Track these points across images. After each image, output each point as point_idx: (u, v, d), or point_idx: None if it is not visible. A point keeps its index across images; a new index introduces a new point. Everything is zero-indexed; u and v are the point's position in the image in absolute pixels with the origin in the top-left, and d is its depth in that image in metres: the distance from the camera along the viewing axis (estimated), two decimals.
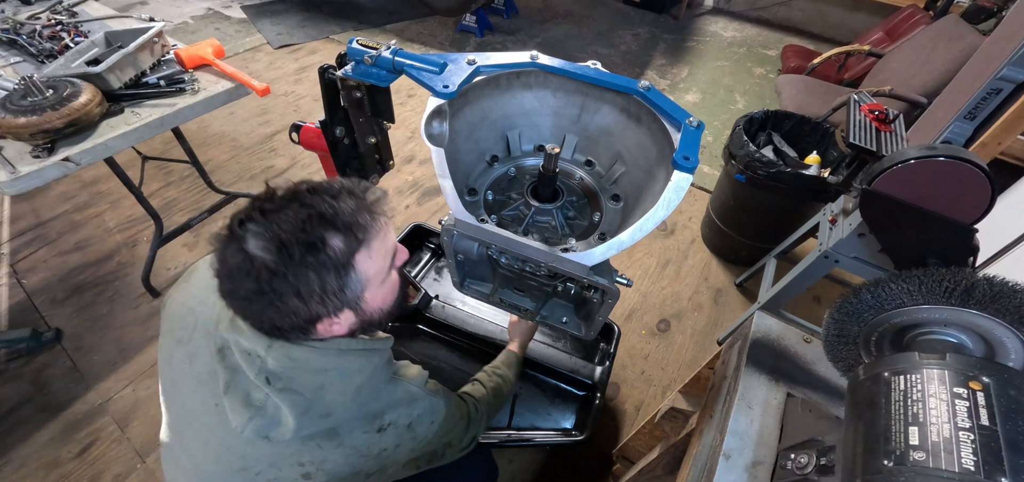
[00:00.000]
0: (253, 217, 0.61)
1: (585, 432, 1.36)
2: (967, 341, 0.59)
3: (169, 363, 0.77)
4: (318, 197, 0.63)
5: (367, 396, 0.73)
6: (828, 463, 0.61)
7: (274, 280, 0.60)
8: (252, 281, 0.60)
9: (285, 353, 0.66)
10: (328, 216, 0.62)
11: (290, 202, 0.62)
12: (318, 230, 0.61)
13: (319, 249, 0.61)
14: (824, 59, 2.81)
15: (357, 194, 0.67)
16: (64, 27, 1.73)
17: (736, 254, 2.27)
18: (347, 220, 0.64)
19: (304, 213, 0.61)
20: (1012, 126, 1.32)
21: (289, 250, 0.59)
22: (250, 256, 0.59)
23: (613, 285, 0.70)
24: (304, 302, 0.62)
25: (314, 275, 0.61)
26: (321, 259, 0.61)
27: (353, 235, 0.64)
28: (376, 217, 0.68)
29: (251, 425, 0.67)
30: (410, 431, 0.78)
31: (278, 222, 0.60)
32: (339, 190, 0.66)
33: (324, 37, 3.81)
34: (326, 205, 0.63)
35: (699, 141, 0.72)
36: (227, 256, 0.62)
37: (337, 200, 0.64)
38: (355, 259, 0.65)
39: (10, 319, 1.80)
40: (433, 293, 1.68)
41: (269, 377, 0.66)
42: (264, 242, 0.60)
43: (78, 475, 1.46)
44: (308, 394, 0.68)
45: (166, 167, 2.45)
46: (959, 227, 0.98)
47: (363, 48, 0.78)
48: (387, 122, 1.04)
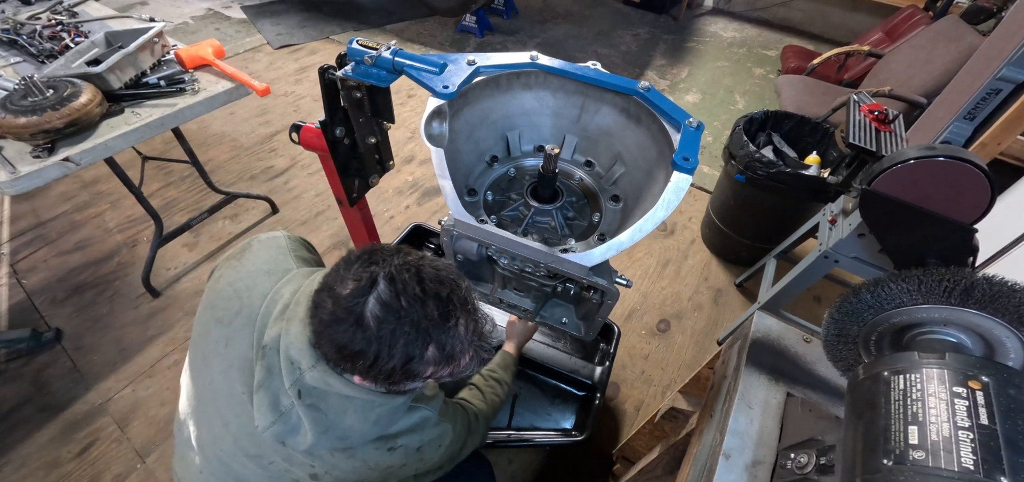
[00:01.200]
0: (394, 277, 0.62)
1: (585, 432, 1.36)
2: (966, 341, 0.59)
3: (205, 337, 0.78)
4: (449, 307, 0.64)
5: (384, 424, 0.75)
6: (828, 463, 0.61)
7: (365, 345, 0.61)
8: (346, 327, 0.61)
9: (323, 378, 0.68)
10: (444, 331, 0.63)
11: (423, 297, 0.62)
12: (426, 337, 0.62)
13: (416, 352, 0.62)
14: (824, 59, 2.81)
15: (477, 321, 0.69)
16: (64, 27, 1.73)
17: (736, 254, 2.27)
18: (454, 348, 0.65)
19: (430, 317, 0.62)
20: (1012, 126, 1.32)
21: (395, 336, 0.61)
22: (366, 309, 0.61)
23: (612, 286, 0.70)
24: (364, 363, 0.63)
25: (393, 362, 0.62)
26: (411, 360, 0.63)
27: (445, 362, 0.65)
28: (473, 357, 0.70)
29: (273, 429, 0.69)
30: (419, 453, 0.80)
31: (408, 303, 0.61)
32: (467, 312, 0.66)
33: (324, 37, 3.81)
34: (448, 323, 0.63)
35: (699, 142, 0.72)
36: (347, 286, 0.62)
37: (458, 322, 0.65)
38: (430, 372, 0.66)
39: (10, 319, 1.80)
40: None
41: (302, 391, 0.68)
42: (383, 314, 0.61)
43: (78, 475, 1.46)
44: (330, 416, 0.69)
45: (166, 167, 2.45)
46: (959, 227, 0.98)
47: (363, 48, 0.78)
48: (387, 122, 1.04)
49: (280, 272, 0.80)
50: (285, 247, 0.87)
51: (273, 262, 0.82)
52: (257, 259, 0.83)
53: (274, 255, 0.84)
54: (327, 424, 0.69)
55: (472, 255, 0.83)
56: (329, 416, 0.69)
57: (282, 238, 0.89)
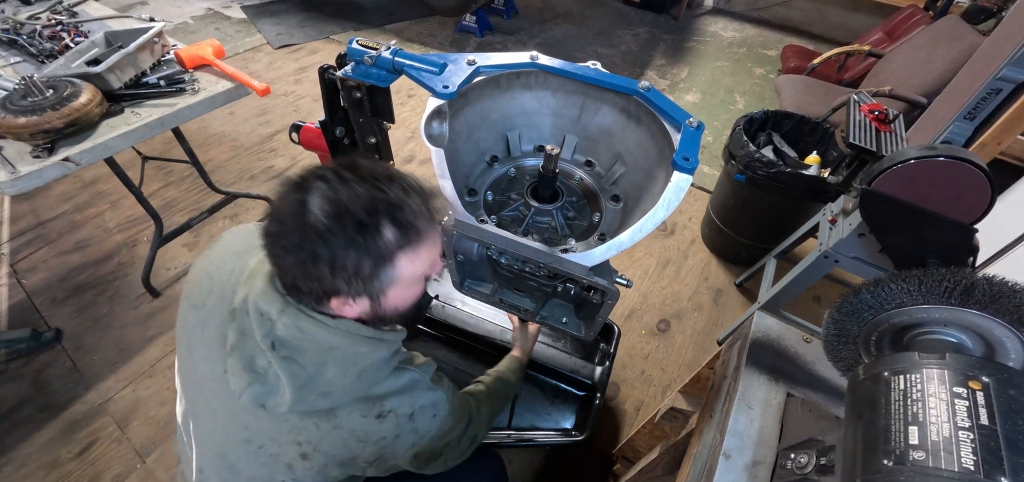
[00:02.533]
0: (328, 177, 0.61)
1: (585, 432, 1.36)
2: (967, 341, 0.59)
3: (184, 327, 0.78)
4: (393, 186, 0.64)
5: (369, 381, 0.73)
6: (828, 463, 0.61)
7: (318, 244, 0.60)
8: (297, 234, 0.61)
9: (295, 322, 0.66)
10: (393, 204, 0.62)
11: (363, 179, 0.62)
12: (379, 214, 0.61)
13: (371, 233, 0.61)
14: (824, 59, 2.81)
15: (425, 195, 0.67)
16: (64, 27, 1.73)
17: (736, 254, 2.27)
18: (408, 218, 0.64)
19: (372, 193, 0.61)
20: (1012, 126, 1.32)
21: (344, 222, 0.60)
22: (308, 209, 0.60)
23: (613, 286, 0.70)
24: (334, 274, 0.62)
25: (354, 253, 0.61)
26: (368, 243, 0.62)
27: (405, 235, 0.64)
28: (433, 227, 0.68)
29: (249, 390, 0.67)
30: (412, 422, 0.77)
31: (348, 192, 0.60)
32: (410, 187, 0.66)
33: (324, 37, 3.81)
34: (394, 196, 0.63)
35: (699, 142, 0.72)
36: (287, 200, 0.62)
37: (407, 195, 0.64)
38: (398, 256, 0.65)
39: (10, 319, 1.80)
40: (433, 293, 1.68)
41: (275, 342, 0.67)
42: (325, 203, 0.60)
43: (78, 475, 1.46)
44: (309, 369, 0.68)
45: (166, 167, 2.45)
46: (959, 227, 0.98)
47: (363, 48, 0.78)
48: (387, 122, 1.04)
49: (250, 249, 0.80)
50: (255, 231, 0.85)
51: (243, 243, 0.82)
52: (228, 244, 0.83)
53: (244, 237, 0.84)
54: (306, 377, 0.67)
55: (472, 255, 0.83)
56: (307, 368, 0.67)
57: (254, 225, 0.88)
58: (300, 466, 0.73)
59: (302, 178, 0.63)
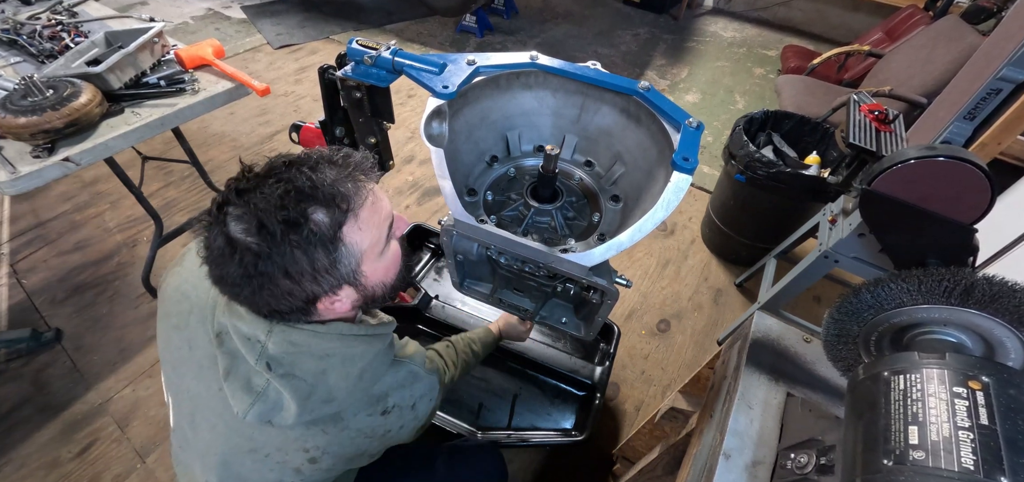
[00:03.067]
0: (230, 199, 0.59)
1: (585, 432, 1.36)
2: (967, 341, 0.59)
3: (168, 349, 0.77)
4: (295, 170, 0.60)
5: (370, 380, 0.72)
6: (828, 463, 0.61)
7: (260, 263, 0.58)
8: (238, 266, 0.58)
9: (286, 338, 0.65)
10: (306, 189, 0.59)
11: (266, 178, 0.60)
12: (298, 205, 0.58)
13: (301, 225, 0.58)
14: (824, 59, 2.81)
15: (337, 162, 0.64)
16: (64, 27, 1.73)
17: (736, 254, 2.27)
18: (328, 191, 0.60)
19: (280, 189, 0.58)
20: (1012, 126, 1.32)
21: (269, 230, 0.57)
22: (232, 240, 0.57)
23: (612, 286, 0.70)
24: (296, 283, 0.60)
25: (301, 254, 0.59)
26: (305, 236, 0.58)
27: (336, 206, 0.61)
28: (361, 184, 0.64)
29: (253, 411, 0.66)
30: (413, 411, 0.78)
31: (256, 201, 0.57)
32: (318, 160, 0.63)
33: (324, 37, 3.81)
34: (304, 178, 0.59)
35: (699, 142, 0.72)
36: (211, 241, 0.60)
37: (315, 171, 0.61)
38: (342, 232, 0.62)
39: (10, 319, 1.80)
40: (433, 293, 1.68)
41: (270, 362, 0.65)
42: (244, 224, 0.57)
43: (78, 475, 1.46)
44: (310, 379, 0.67)
45: (166, 167, 2.45)
46: (959, 227, 0.98)
47: (363, 48, 0.78)
48: (387, 122, 1.04)
49: None
50: None
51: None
52: (196, 259, 0.79)
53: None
54: (309, 389, 0.66)
55: (472, 255, 0.83)
56: (308, 380, 0.66)
57: None
58: (308, 468, 0.73)
59: (210, 214, 0.60)
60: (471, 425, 1.34)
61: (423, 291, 1.66)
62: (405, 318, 1.64)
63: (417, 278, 1.75)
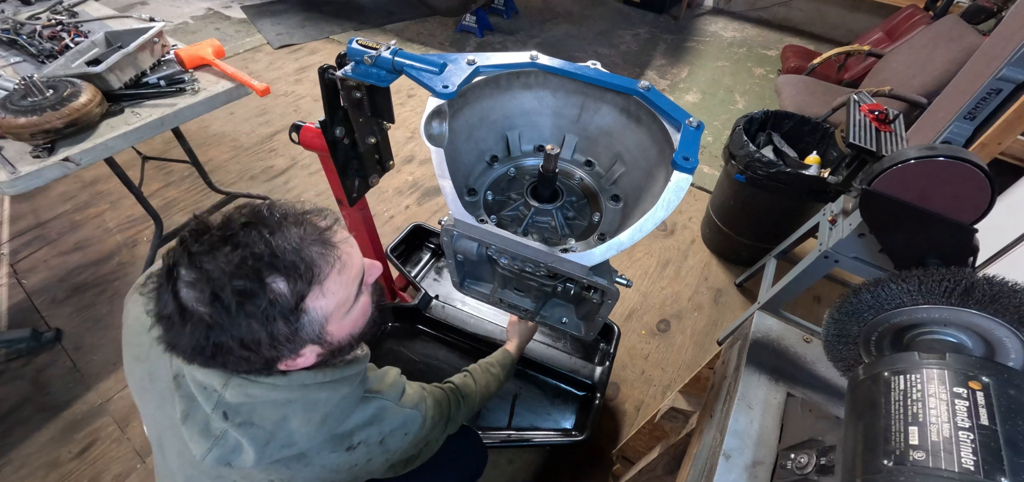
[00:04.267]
0: (180, 262, 0.53)
1: (585, 432, 1.36)
2: (967, 341, 0.59)
3: (132, 378, 0.75)
4: (254, 232, 0.54)
5: (335, 422, 0.69)
6: (828, 463, 0.61)
7: (212, 333, 0.53)
8: (189, 336, 0.53)
9: (243, 390, 0.62)
10: (265, 257, 0.53)
11: (222, 242, 0.53)
12: (255, 276, 0.53)
13: (259, 296, 0.53)
14: (824, 59, 2.81)
15: (303, 223, 0.59)
16: (64, 27, 1.73)
17: (736, 254, 2.27)
18: (289, 259, 0.54)
19: (236, 256, 0.52)
20: (1012, 126, 1.32)
21: (223, 301, 0.52)
22: (184, 308, 0.52)
23: (613, 285, 0.70)
24: (253, 352, 0.56)
25: (257, 325, 0.54)
26: (263, 309, 0.53)
27: (299, 276, 0.55)
28: (329, 248, 0.59)
29: (211, 455, 0.64)
30: (382, 446, 0.75)
31: (208, 267, 0.52)
32: (280, 219, 0.57)
33: (324, 37, 3.81)
34: (262, 244, 0.54)
35: (699, 141, 0.72)
36: (161, 307, 0.54)
37: (275, 236, 0.55)
38: (306, 303, 0.56)
39: (10, 319, 1.80)
40: (433, 293, 1.68)
41: (227, 412, 0.63)
42: (196, 292, 0.52)
43: (78, 475, 1.46)
44: (269, 427, 0.64)
45: (166, 167, 2.45)
46: (959, 227, 0.98)
47: (363, 48, 0.78)
48: (387, 122, 1.04)
49: None
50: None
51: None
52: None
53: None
54: (267, 436, 0.63)
55: (472, 255, 0.83)
56: (267, 428, 0.63)
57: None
58: None
59: (165, 267, 0.55)
60: (471, 424, 1.34)
61: (423, 291, 1.66)
62: (405, 318, 1.64)
63: (417, 278, 1.75)
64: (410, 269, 1.77)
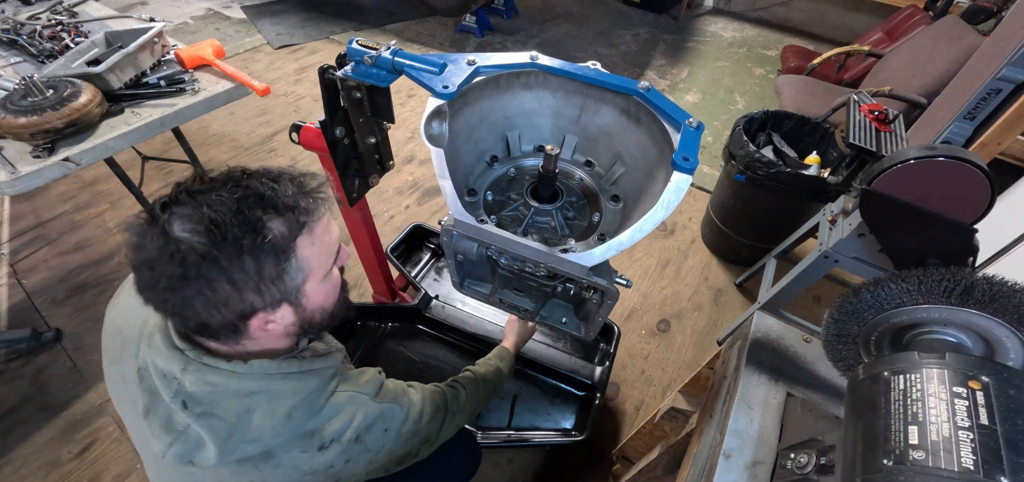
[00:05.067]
0: (179, 199, 0.55)
1: (585, 432, 1.36)
2: (966, 341, 0.59)
3: (110, 381, 0.76)
4: (255, 180, 0.59)
5: (301, 417, 0.67)
6: (828, 463, 0.61)
7: (203, 265, 0.54)
8: (177, 265, 0.53)
9: (203, 377, 0.61)
10: (267, 197, 0.57)
11: (223, 184, 0.57)
12: (256, 210, 0.56)
13: (257, 230, 0.56)
14: (824, 59, 2.81)
15: (297, 179, 0.63)
16: (64, 27, 1.73)
17: (736, 254, 2.27)
18: (288, 202, 0.59)
19: (239, 193, 0.56)
20: (1012, 126, 1.32)
21: (222, 230, 0.53)
22: (175, 239, 0.53)
23: (612, 286, 0.70)
24: (238, 291, 0.56)
25: (250, 259, 0.55)
26: (259, 241, 0.56)
27: (294, 217, 0.59)
28: (318, 203, 0.63)
29: (171, 450, 0.62)
30: (359, 444, 0.72)
31: (209, 203, 0.54)
32: (278, 175, 0.62)
33: (324, 37, 3.81)
34: (265, 186, 0.58)
35: (699, 142, 0.72)
36: (146, 242, 0.55)
37: (277, 183, 0.59)
38: (297, 243, 0.60)
39: (10, 319, 1.80)
40: (433, 293, 1.68)
41: (186, 401, 0.61)
42: (192, 224, 0.53)
43: (78, 475, 1.46)
44: (230, 419, 0.62)
45: (166, 167, 2.45)
46: (959, 227, 0.98)
47: (363, 48, 0.78)
48: (387, 122, 1.04)
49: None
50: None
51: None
52: (128, 291, 0.77)
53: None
54: (229, 430, 0.62)
55: (472, 255, 0.83)
56: (228, 419, 0.62)
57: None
58: None
59: (151, 213, 0.56)
60: (471, 425, 1.34)
61: (423, 291, 1.66)
62: (405, 318, 1.64)
63: (417, 278, 1.75)
64: (410, 269, 1.78)
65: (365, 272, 1.59)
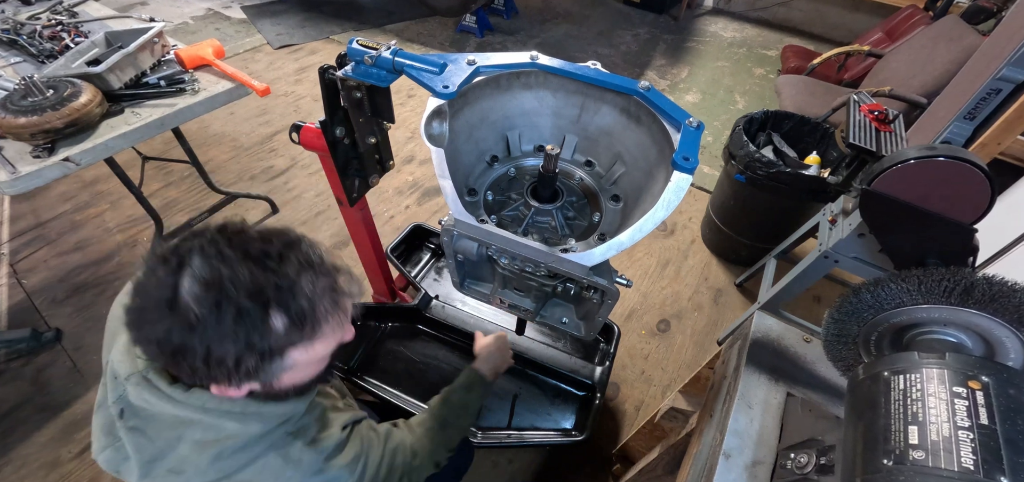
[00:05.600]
0: (206, 250, 0.52)
1: (585, 432, 1.36)
2: (966, 341, 0.59)
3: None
4: (286, 262, 0.54)
5: (231, 464, 0.60)
6: (828, 463, 0.61)
7: (188, 335, 0.51)
8: (163, 320, 0.51)
9: (142, 393, 0.58)
10: (284, 289, 0.53)
11: (251, 257, 0.53)
12: (266, 304, 0.52)
13: (257, 324, 0.52)
14: (824, 59, 2.81)
15: (327, 271, 0.58)
16: (64, 27, 1.73)
17: (736, 254, 2.27)
18: (302, 306, 0.54)
19: (260, 278, 0.52)
20: (1012, 126, 1.32)
21: (222, 310, 0.50)
22: (178, 292, 0.50)
23: (613, 285, 0.70)
24: (207, 367, 0.53)
25: (232, 347, 0.52)
26: (251, 336, 0.52)
27: (299, 327, 0.55)
28: (337, 311, 0.59)
29: (103, 455, 0.61)
30: None
31: (229, 271, 0.51)
32: (310, 262, 0.56)
33: (324, 37, 3.81)
34: (288, 275, 0.54)
35: (699, 142, 0.72)
36: (154, 279, 0.52)
37: (301, 275, 0.55)
38: (289, 349, 0.56)
39: (10, 319, 1.80)
40: (433, 293, 1.68)
41: (124, 410, 0.59)
42: (202, 289, 0.50)
43: (78, 475, 1.46)
44: (159, 443, 0.59)
45: (166, 167, 2.45)
46: (959, 227, 0.98)
47: (363, 48, 0.78)
48: (387, 122, 1.04)
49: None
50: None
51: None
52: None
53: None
54: (154, 452, 0.58)
55: (472, 255, 0.83)
56: (156, 443, 0.59)
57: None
58: None
59: (176, 249, 0.53)
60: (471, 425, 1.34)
61: (423, 291, 1.66)
62: (405, 318, 1.64)
63: (417, 278, 1.75)
64: (410, 269, 1.77)
65: (365, 272, 1.59)
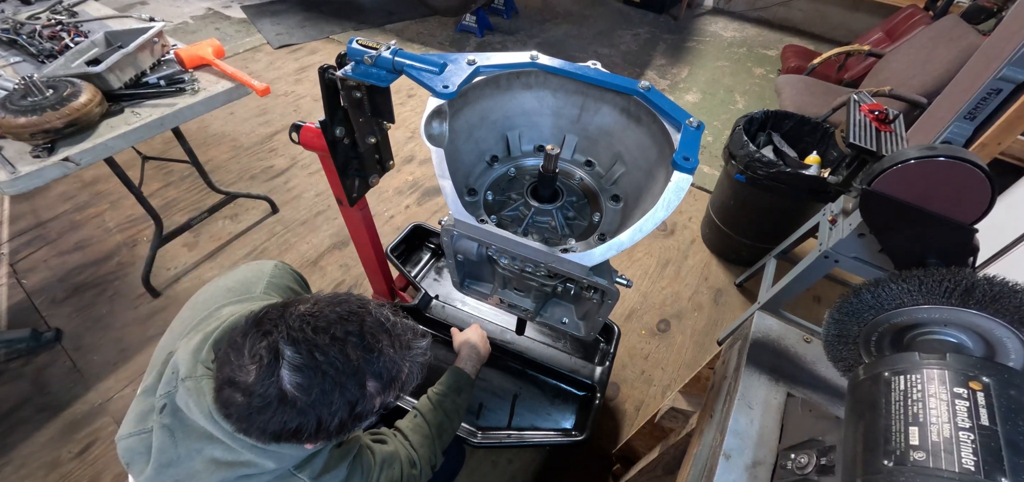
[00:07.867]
0: (296, 340, 0.56)
1: (585, 432, 1.36)
2: (967, 341, 0.59)
3: (159, 347, 0.76)
4: (370, 335, 0.59)
5: None
6: (828, 463, 0.61)
7: (302, 418, 0.56)
8: (280, 418, 0.55)
9: (188, 400, 0.60)
10: (375, 360, 0.59)
11: (343, 339, 0.58)
12: (363, 377, 0.58)
13: (355, 400, 0.58)
14: (824, 59, 2.81)
15: (404, 339, 0.64)
16: (64, 27, 1.73)
17: (736, 254, 2.27)
18: (391, 370, 0.61)
19: (354, 350, 0.58)
20: (1012, 126, 1.32)
21: (327, 398, 0.56)
22: (284, 389, 0.55)
23: (613, 285, 0.70)
24: (308, 434, 0.58)
25: (332, 417, 0.57)
26: (352, 409, 0.58)
27: (388, 388, 0.61)
28: (414, 364, 0.65)
29: (126, 441, 0.62)
30: None
31: (323, 359, 0.56)
32: (389, 328, 0.62)
33: (324, 37, 3.81)
34: (376, 347, 0.60)
35: (699, 141, 0.72)
36: (253, 377, 0.55)
37: (384, 346, 0.61)
38: (379, 405, 0.62)
39: (10, 319, 1.80)
40: (433, 293, 1.68)
41: (167, 405, 0.61)
42: (304, 379, 0.55)
43: (78, 475, 1.46)
44: (181, 450, 0.61)
45: (166, 167, 2.45)
46: (959, 227, 0.98)
47: (363, 48, 0.78)
48: (387, 122, 1.04)
49: (240, 292, 0.76)
50: (266, 273, 0.83)
51: (243, 283, 0.79)
52: (231, 277, 0.79)
53: (247, 277, 0.81)
54: (172, 457, 0.61)
55: (472, 255, 0.83)
56: (178, 449, 0.61)
57: (269, 265, 0.86)
58: None
59: (262, 341, 0.56)
60: (471, 425, 1.34)
61: (423, 291, 1.65)
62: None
63: (417, 278, 1.75)
64: (410, 269, 1.77)
65: (365, 272, 1.59)
